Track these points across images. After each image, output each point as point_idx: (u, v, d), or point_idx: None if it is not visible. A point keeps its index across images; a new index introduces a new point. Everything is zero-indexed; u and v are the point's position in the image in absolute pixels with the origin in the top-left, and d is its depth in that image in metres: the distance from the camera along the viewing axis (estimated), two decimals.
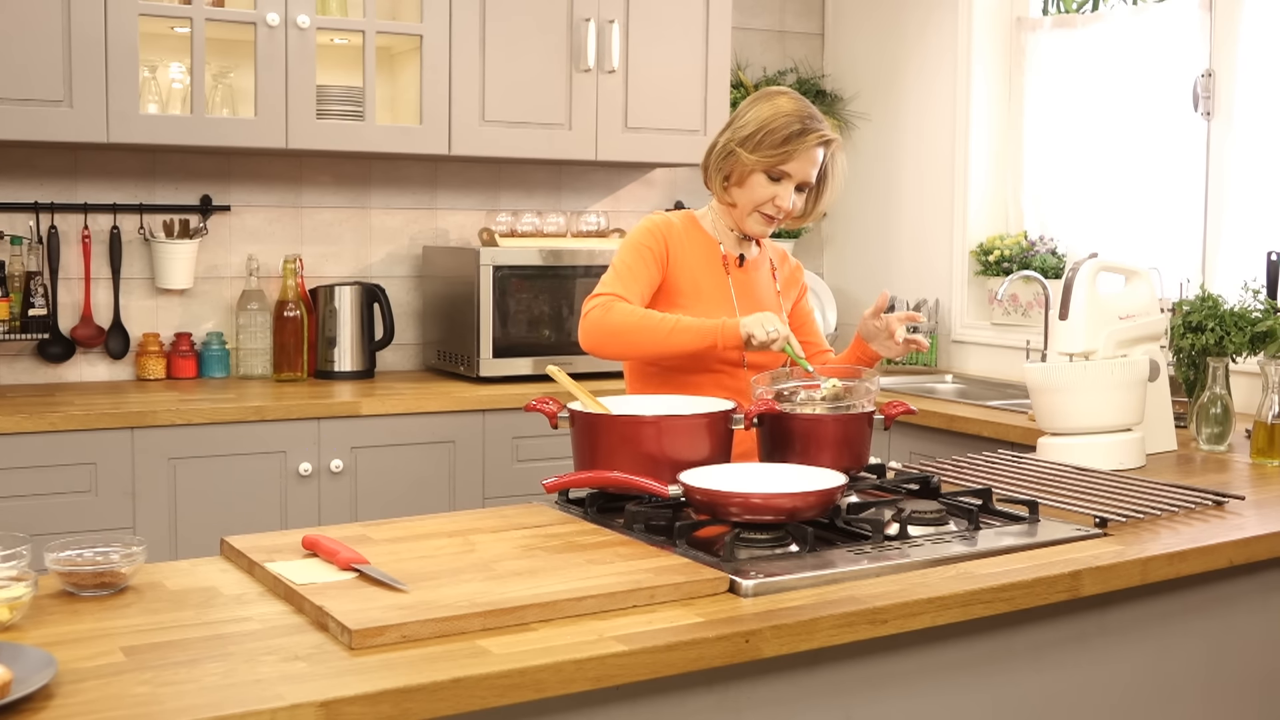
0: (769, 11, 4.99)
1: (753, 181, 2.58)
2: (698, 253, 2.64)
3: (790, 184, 2.58)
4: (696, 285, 2.61)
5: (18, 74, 3.43)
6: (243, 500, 3.50)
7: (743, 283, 2.68)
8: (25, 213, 3.83)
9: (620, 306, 2.49)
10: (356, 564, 1.83)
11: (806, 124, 2.55)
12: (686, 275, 2.61)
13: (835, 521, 2.09)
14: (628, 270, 2.56)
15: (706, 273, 2.63)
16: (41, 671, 1.41)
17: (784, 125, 2.54)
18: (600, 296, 2.52)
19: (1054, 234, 4.35)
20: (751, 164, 2.56)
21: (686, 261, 2.61)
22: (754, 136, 2.55)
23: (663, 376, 2.60)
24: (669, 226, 2.63)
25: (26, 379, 3.86)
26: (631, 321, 2.47)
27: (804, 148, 2.54)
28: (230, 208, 4.09)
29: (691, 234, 2.66)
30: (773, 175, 2.57)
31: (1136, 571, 2.02)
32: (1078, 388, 2.68)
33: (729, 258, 2.67)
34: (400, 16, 4.06)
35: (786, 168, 2.55)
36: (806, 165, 2.57)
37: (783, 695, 1.76)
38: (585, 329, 2.51)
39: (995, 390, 4.15)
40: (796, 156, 2.55)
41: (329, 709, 1.39)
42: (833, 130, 2.62)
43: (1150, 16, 4.01)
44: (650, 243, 2.59)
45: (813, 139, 2.55)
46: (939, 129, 4.62)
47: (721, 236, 2.68)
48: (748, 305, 2.65)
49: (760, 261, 2.73)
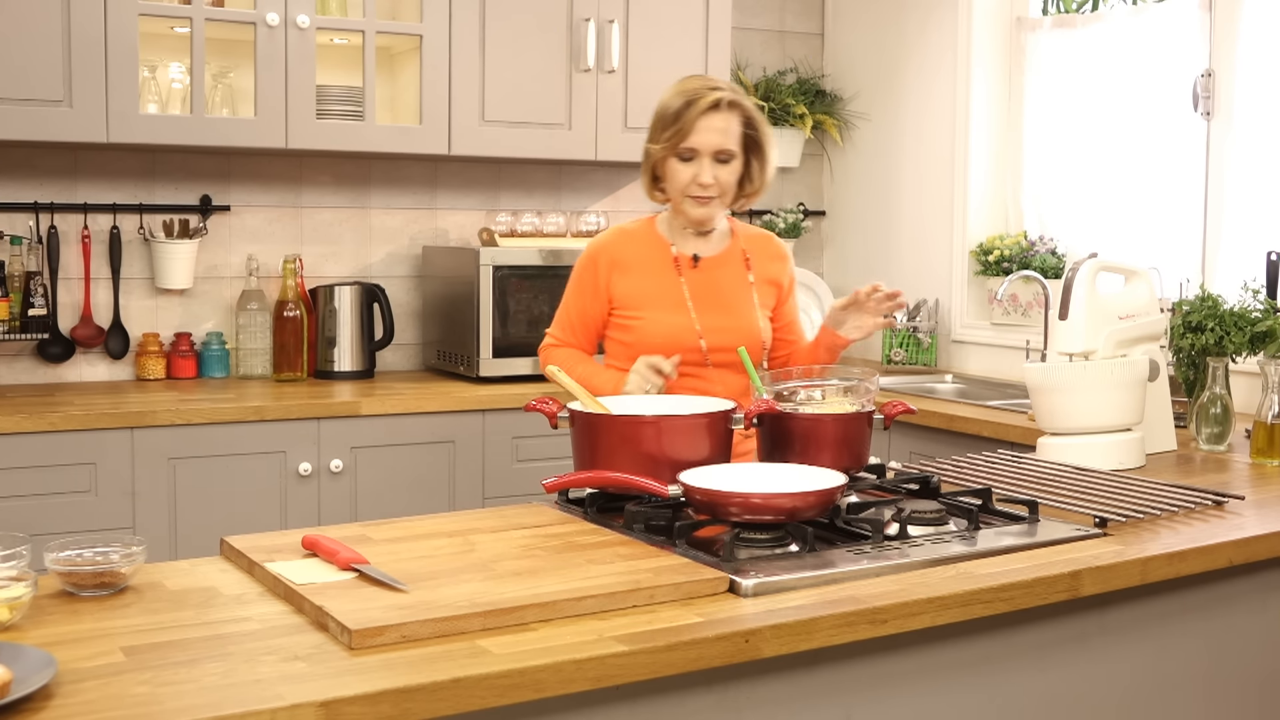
0: (769, 11, 4.98)
1: (670, 170, 2.60)
2: (648, 259, 2.66)
3: (703, 159, 2.57)
4: (647, 294, 2.63)
5: (17, 74, 3.43)
6: (242, 500, 3.50)
7: (700, 282, 2.66)
8: (25, 213, 3.83)
9: (550, 357, 2.68)
10: (356, 564, 1.83)
11: (692, 95, 2.55)
12: (635, 287, 2.64)
13: (835, 521, 2.09)
14: (567, 308, 2.72)
15: (657, 278, 2.64)
16: (41, 671, 1.41)
17: (671, 104, 2.58)
18: (545, 338, 2.75)
19: (1054, 234, 4.35)
20: (659, 153, 2.60)
21: (634, 273, 2.64)
22: (654, 128, 2.61)
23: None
24: (605, 248, 2.68)
25: (26, 379, 3.86)
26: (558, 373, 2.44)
27: (694, 117, 2.54)
28: (230, 208, 4.09)
29: (642, 241, 2.68)
30: (683, 156, 2.58)
31: (1136, 571, 2.02)
32: (1077, 388, 2.68)
33: (681, 258, 2.66)
34: (400, 16, 4.06)
35: (688, 144, 2.56)
36: (708, 135, 2.56)
37: (782, 695, 1.76)
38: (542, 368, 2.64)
39: (995, 390, 4.15)
40: (693, 128, 2.55)
41: (329, 709, 1.39)
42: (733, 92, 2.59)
43: (1150, 16, 4.01)
44: (584, 275, 2.69)
45: (700, 105, 2.54)
46: (939, 129, 4.62)
47: (676, 237, 2.68)
48: (706, 304, 2.64)
49: (726, 258, 2.71)
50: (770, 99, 4.81)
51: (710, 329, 2.63)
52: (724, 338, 2.62)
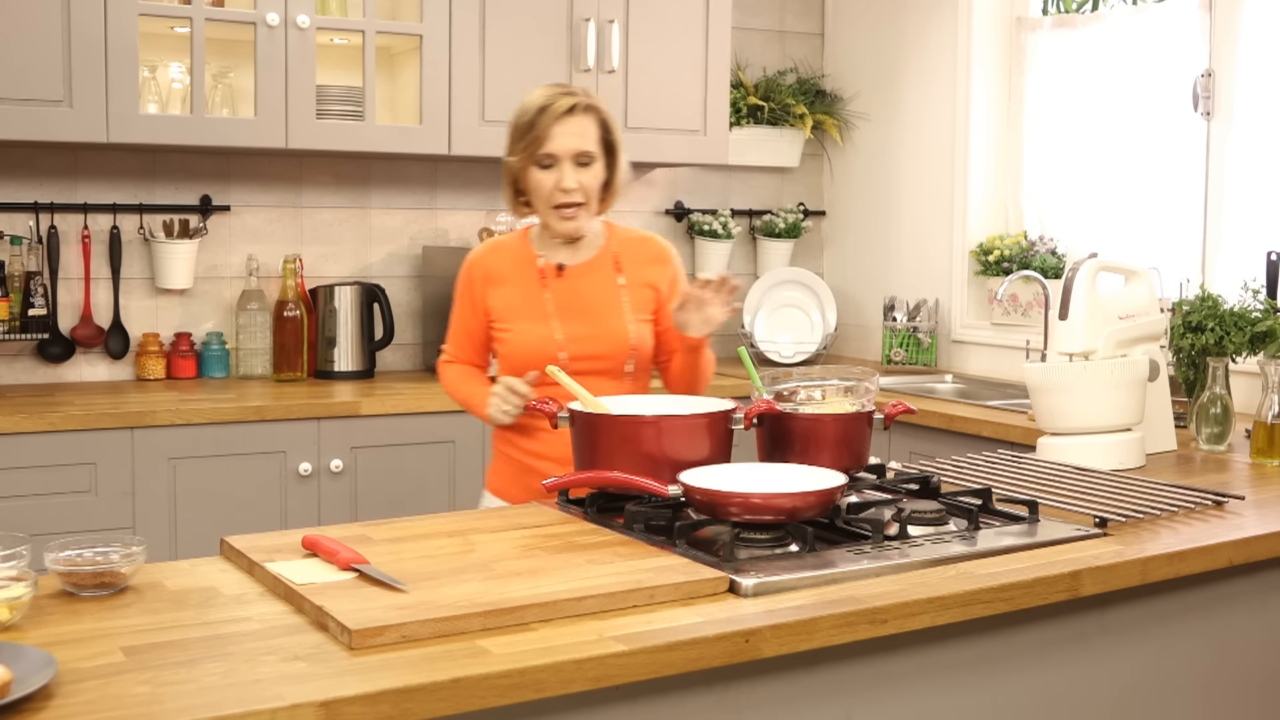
0: (769, 11, 4.98)
1: (532, 181, 2.55)
2: (517, 271, 2.63)
3: (564, 164, 2.53)
4: (514, 306, 2.61)
5: (18, 74, 3.43)
6: (242, 500, 3.50)
7: (566, 291, 2.61)
8: (25, 213, 3.83)
9: (443, 376, 2.74)
10: (356, 564, 1.83)
11: (546, 101, 2.52)
12: (505, 300, 2.62)
13: (835, 521, 2.09)
14: (453, 324, 2.72)
15: (524, 290, 2.61)
16: (41, 671, 1.41)
17: (526, 113, 2.53)
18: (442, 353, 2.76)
19: (1054, 234, 4.35)
20: (518, 165, 2.55)
21: (504, 285, 2.62)
22: (511, 141, 2.57)
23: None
24: (478, 262, 2.66)
25: (26, 379, 3.86)
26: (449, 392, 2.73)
27: (550, 122, 2.50)
28: (230, 208, 4.09)
29: (512, 253, 2.65)
30: (542, 164, 2.53)
31: (1136, 571, 2.02)
32: (1077, 388, 2.68)
33: (546, 268, 2.62)
34: (400, 16, 4.06)
35: (546, 150, 2.51)
36: (566, 139, 2.51)
37: (783, 695, 1.76)
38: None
39: (995, 390, 4.15)
40: (550, 134, 2.51)
41: (329, 709, 1.39)
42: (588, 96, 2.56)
43: (1150, 16, 4.01)
44: (462, 290, 2.68)
45: (555, 110, 2.50)
46: (939, 129, 4.62)
47: (544, 247, 2.64)
48: (570, 313, 2.59)
49: (595, 264, 2.64)
50: (770, 99, 4.81)
51: (573, 338, 2.57)
52: (587, 346, 2.57)
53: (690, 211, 4.83)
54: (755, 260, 4.97)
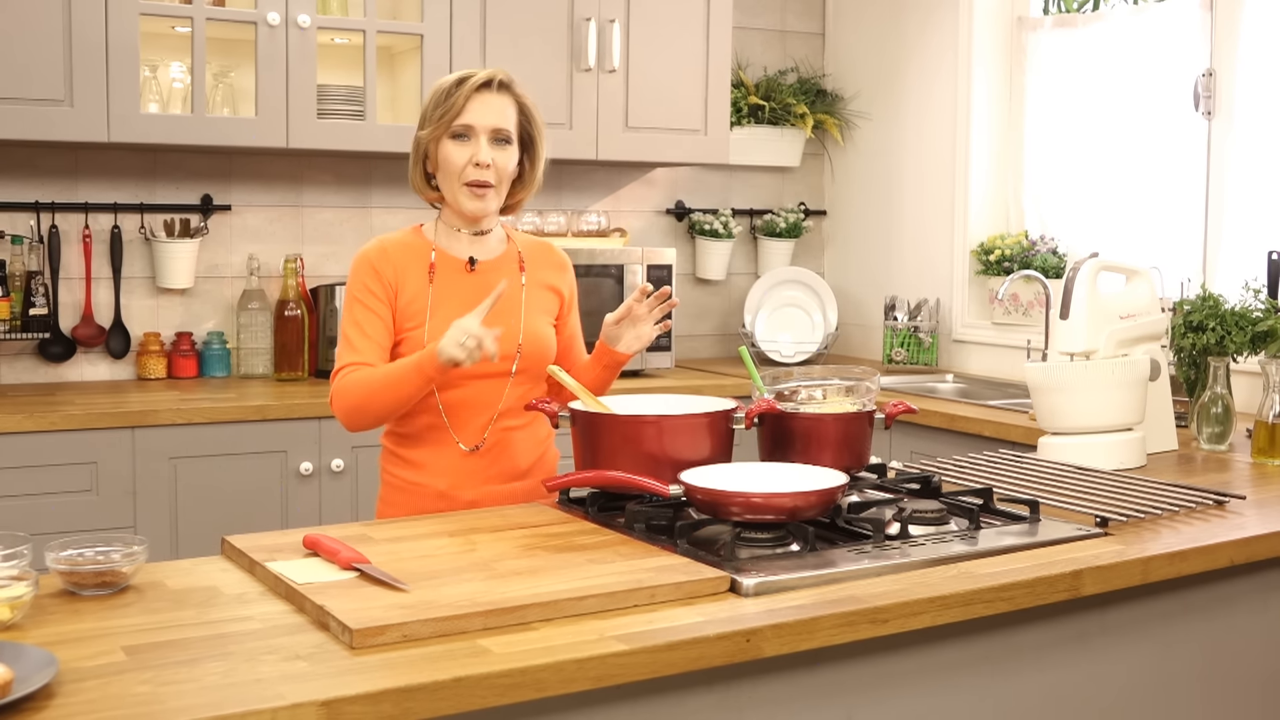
0: (770, 11, 4.98)
1: (444, 155, 2.40)
2: (419, 268, 2.45)
3: (479, 138, 2.39)
4: (424, 303, 2.42)
5: (18, 74, 3.43)
6: (243, 500, 3.50)
7: (477, 287, 2.44)
8: (26, 212, 3.83)
9: (344, 386, 2.39)
10: (357, 563, 1.83)
11: (464, 75, 2.43)
12: (414, 297, 2.43)
13: (836, 521, 2.09)
14: (354, 330, 2.42)
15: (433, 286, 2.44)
16: (42, 671, 1.41)
17: (443, 86, 2.43)
18: (334, 377, 2.43)
19: (1055, 233, 4.35)
20: (430, 136, 2.41)
21: (410, 280, 2.43)
22: (425, 115, 2.43)
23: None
24: (382, 255, 2.44)
25: (27, 378, 3.86)
26: (360, 397, 2.37)
27: (467, 92, 2.39)
28: (231, 207, 4.09)
29: (414, 249, 2.46)
30: (456, 134, 2.40)
31: (1137, 571, 2.02)
32: (1078, 387, 2.68)
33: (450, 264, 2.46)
34: (401, 16, 4.06)
35: (462, 121, 2.38)
36: (484, 112, 2.40)
37: (784, 695, 1.76)
38: (337, 418, 2.42)
39: (996, 390, 4.14)
40: (468, 106, 2.39)
41: (330, 708, 1.39)
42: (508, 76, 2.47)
43: (1151, 16, 4.01)
44: (367, 288, 2.43)
45: (473, 82, 2.41)
46: (940, 128, 4.62)
47: (448, 242, 2.49)
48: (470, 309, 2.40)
49: (502, 263, 2.51)
50: (771, 98, 4.81)
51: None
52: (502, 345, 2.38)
53: (691, 211, 4.83)
54: (756, 260, 4.97)
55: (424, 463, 2.45)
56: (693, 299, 4.88)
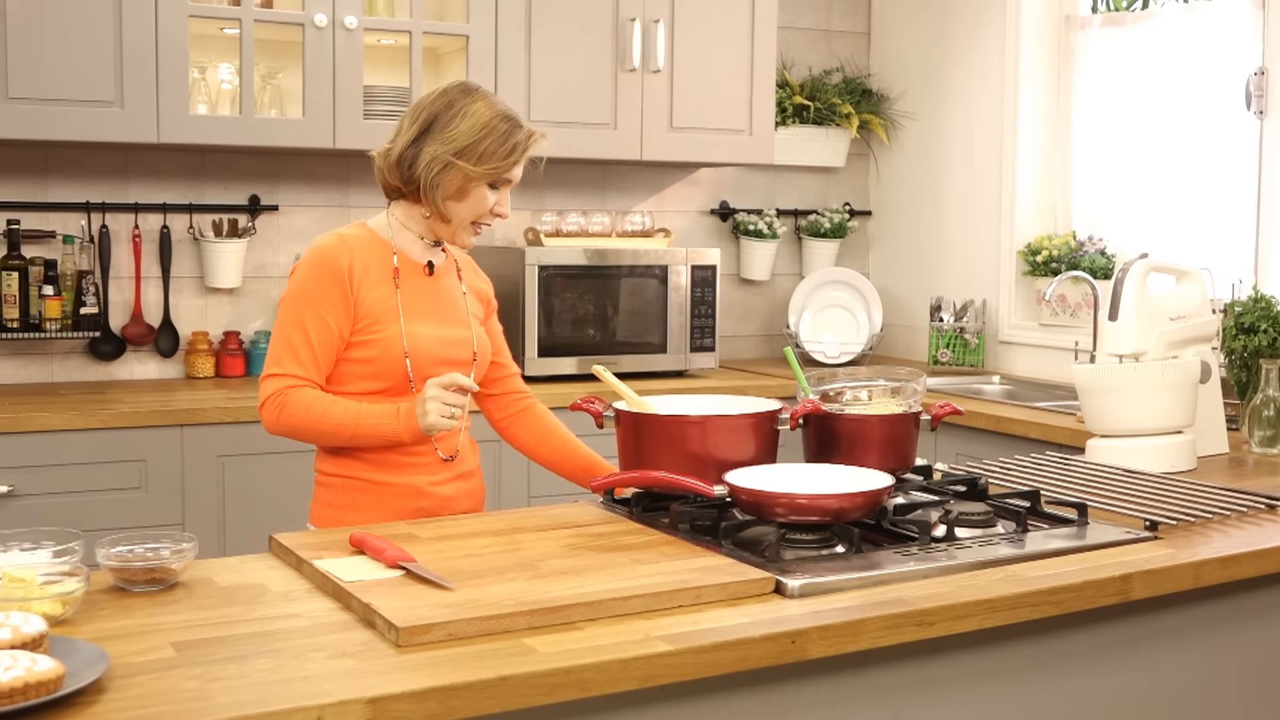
0: (815, 10, 4.97)
1: (476, 194, 2.36)
2: (381, 269, 2.37)
3: (508, 189, 2.41)
4: (389, 305, 2.35)
5: (70, 75, 3.47)
6: (290, 497, 3.52)
7: (430, 292, 2.42)
8: (77, 212, 3.87)
9: (292, 406, 2.27)
10: (403, 562, 1.84)
11: (518, 123, 2.39)
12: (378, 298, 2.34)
13: (881, 523, 2.08)
14: (300, 336, 2.29)
15: (390, 289, 2.37)
16: (94, 666, 1.43)
17: (505, 130, 2.35)
18: (271, 379, 2.29)
19: (1103, 234, 4.31)
20: (479, 176, 2.33)
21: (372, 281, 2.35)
22: (475, 147, 2.33)
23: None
24: (344, 253, 2.34)
25: (78, 376, 3.91)
26: (301, 425, 2.28)
27: (524, 151, 2.38)
28: (278, 207, 4.12)
29: (372, 248, 2.39)
30: (495, 185, 2.37)
31: (1188, 575, 1.99)
32: (1127, 389, 2.65)
33: (411, 267, 2.41)
34: (446, 17, 4.08)
35: (509, 175, 2.38)
36: (519, 169, 2.40)
37: (829, 696, 1.75)
38: (265, 426, 2.31)
39: (1043, 391, 4.11)
40: (520, 161, 2.39)
41: (376, 706, 1.40)
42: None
43: (1202, 14, 3.96)
44: (325, 288, 2.31)
45: (532, 142, 2.39)
46: (986, 128, 4.59)
47: (405, 245, 2.43)
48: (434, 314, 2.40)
49: (448, 268, 2.49)
50: (816, 98, 4.80)
51: (445, 340, 2.40)
52: (456, 350, 2.40)
53: (735, 211, 4.82)
54: (800, 260, 4.96)
55: (394, 462, 2.35)
56: (737, 299, 4.87)
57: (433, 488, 2.38)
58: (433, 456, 2.39)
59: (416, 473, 2.37)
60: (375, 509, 2.33)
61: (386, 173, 2.44)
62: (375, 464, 2.35)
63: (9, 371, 3.83)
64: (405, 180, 2.41)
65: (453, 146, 2.35)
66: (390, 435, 2.27)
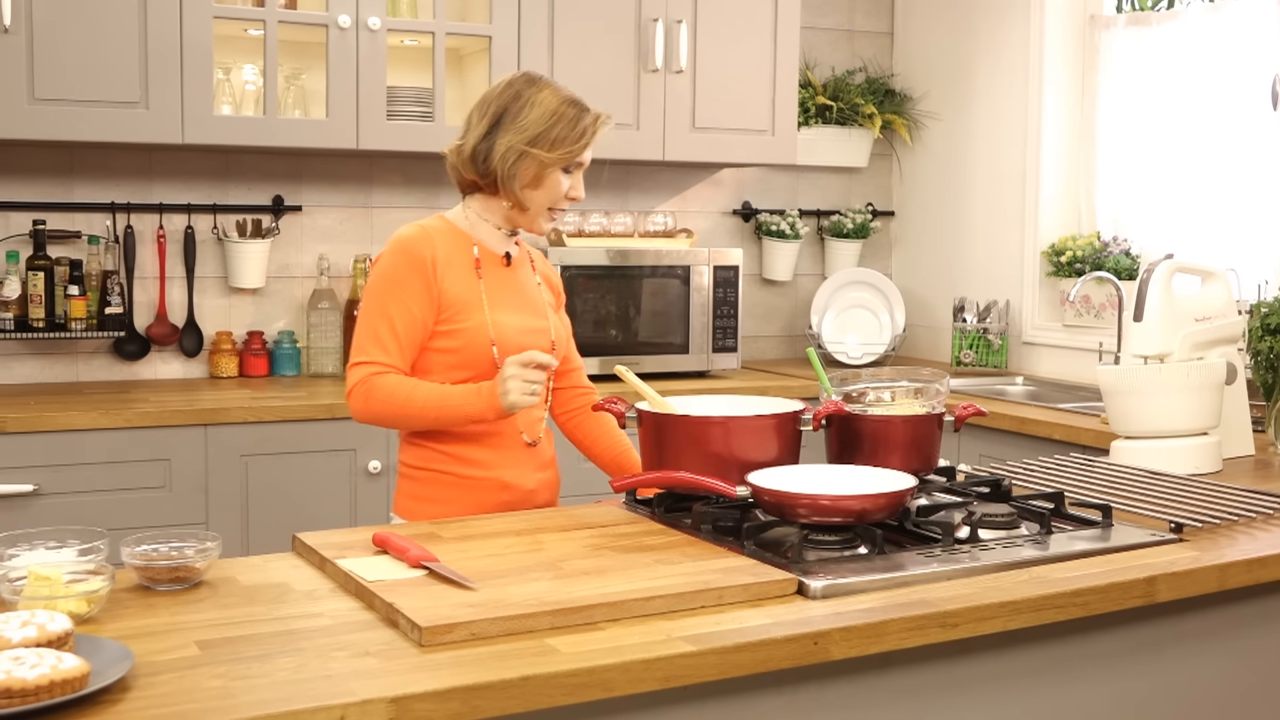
0: (838, 11, 4.96)
1: (551, 180, 2.42)
2: (461, 260, 2.42)
3: (580, 172, 2.47)
4: (466, 297, 2.40)
5: (95, 76, 3.49)
6: (313, 497, 3.53)
7: (510, 282, 2.48)
8: (102, 213, 3.89)
9: (378, 391, 2.32)
10: (426, 561, 1.84)
11: (585, 106, 2.44)
12: (461, 288, 2.40)
13: (904, 524, 2.07)
14: (385, 325, 2.34)
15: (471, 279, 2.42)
16: (119, 664, 1.43)
17: (574, 115, 2.41)
18: (358, 367, 2.34)
19: (1128, 234, 4.29)
20: (553, 161, 2.39)
21: (453, 272, 2.40)
22: (547, 134, 2.38)
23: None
24: (427, 244, 2.39)
25: (103, 376, 3.93)
26: (388, 410, 2.33)
27: (594, 134, 2.44)
28: (302, 208, 4.13)
29: (452, 239, 2.44)
30: (568, 168, 2.44)
31: (1214, 578, 1.98)
32: (1152, 390, 2.64)
33: (491, 258, 2.46)
34: (469, 18, 4.09)
35: (582, 158, 2.44)
36: (589, 151, 2.46)
37: (852, 698, 1.75)
38: (353, 413, 2.37)
39: (1067, 393, 4.09)
40: (591, 144, 2.45)
41: (399, 705, 1.40)
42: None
43: (1227, 14, 3.94)
44: (410, 278, 2.36)
45: (600, 124, 2.44)
46: (1010, 128, 4.57)
47: (484, 236, 2.48)
48: (514, 304, 2.46)
49: (523, 259, 2.56)
50: (839, 99, 4.79)
51: (526, 330, 2.46)
52: (537, 339, 2.46)
53: (758, 212, 4.82)
54: (823, 261, 4.95)
55: (480, 458, 2.42)
56: (759, 300, 4.86)
57: (517, 480, 2.44)
58: (516, 445, 2.44)
59: (501, 466, 2.42)
60: (459, 502, 2.39)
61: (461, 168, 2.48)
62: (459, 458, 2.41)
63: (35, 371, 3.86)
64: (481, 174, 2.45)
65: (525, 135, 2.40)
66: (474, 414, 2.31)
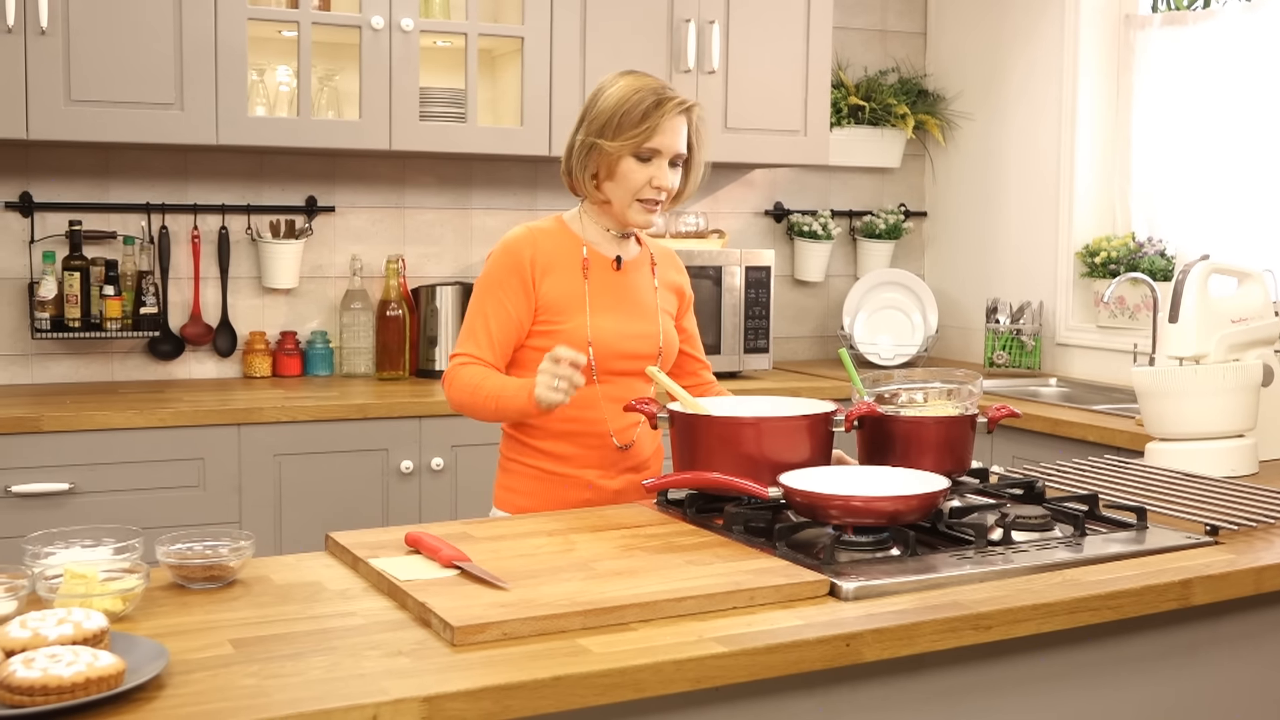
0: (870, 11, 4.94)
1: (623, 169, 2.41)
2: (566, 262, 2.46)
3: (663, 161, 2.41)
4: (566, 299, 2.43)
5: (131, 78, 3.52)
6: (345, 497, 3.55)
7: (621, 286, 2.50)
8: (137, 213, 3.92)
9: (459, 380, 2.39)
10: (458, 561, 1.84)
11: (661, 94, 2.40)
12: (561, 290, 2.44)
13: (937, 526, 2.06)
14: (484, 318, 2.43)
15: (580, 281, 2.45)
16: (153, 662, 1.44)
17: (639, 101, 2.38)
18: (453, 359, 2.44)
19: (1163, 235, 4.26)
20: (617, 150, 2.39)
21: (556, 274, 2.44)
22: (611, 123, 2.39)
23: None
24: (529, 245, 2.44)
25: (138, 375, 3.95)
26: (464, 399, 2.39)
27: (665, 118, 2.39)
28: (335, 208, 4.15)
29: (560, 241, 2.47)
30: (641, 156, 2.39)
31: (1250, 581, 1.96)
32: (1188, 392, 2.62)
33: (599, 261, 2.48)
34: (502, 19, 4.09)
35: (653, 144, 2.39)
36: (672, 137, 2.40)
37: (884, 700, 1.74)
38: (446, 397, 2.45)
39: (1101, 394, 4.07)
40: (660, 129, 2.39)
41: (431, 704, 1.41)
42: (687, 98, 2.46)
43: (1264, 13, 3.91)
44: (509, 277, 2.43)
45: (671, 107, 2.40)
46: (1044, 128, 4.55)
47: (595, 239, 2.50)
48: (621, 307, 2.47)
49: (640, 262, 2.55)
50: (871, 99, 4.77)
51: (624, 335, 2.47)
52: (640, 344, 2.48)
53: (790, 212, 4.81)
54: (855, 261, 4.93)
55: (568, 455, 2.47)
56: (791, 300, 4.85)
57: (602, 480, 2.47)
58: (606, 447, 2.46)
59: (588, 466, 2.46)
60: (546, 497, 2.45)
61: (563, 174, 2.53)
62: (548, 453, 2.47)
63: (70, 370, 3.89)
64: (567, 172, 2.50)
65: (594, 127, 2.43)
66: (521, 409, 2.33)
